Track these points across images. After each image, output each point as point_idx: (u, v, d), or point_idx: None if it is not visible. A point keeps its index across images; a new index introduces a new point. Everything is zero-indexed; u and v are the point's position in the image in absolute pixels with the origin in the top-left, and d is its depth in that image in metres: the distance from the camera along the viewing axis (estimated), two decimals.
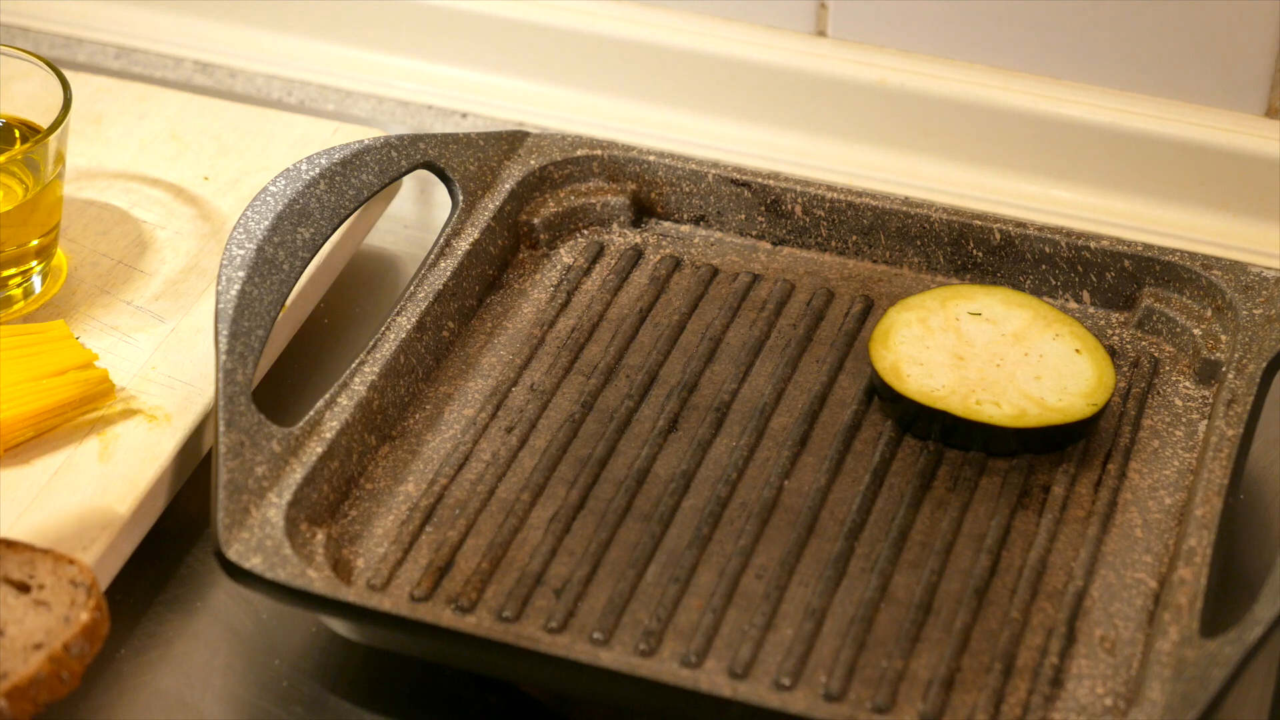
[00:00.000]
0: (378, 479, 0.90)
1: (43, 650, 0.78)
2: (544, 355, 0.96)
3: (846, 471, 0.90)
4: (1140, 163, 1.08)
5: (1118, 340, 0.96)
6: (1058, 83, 1.09)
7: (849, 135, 1.12)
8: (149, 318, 0.97)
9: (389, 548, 0.86)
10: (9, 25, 1.21)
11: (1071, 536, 0.87)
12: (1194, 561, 0.83)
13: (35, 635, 0.78)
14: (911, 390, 0.90)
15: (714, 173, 1.02)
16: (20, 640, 0.78)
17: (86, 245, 1.01)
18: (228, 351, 0.88)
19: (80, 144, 1.06)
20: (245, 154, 1.07)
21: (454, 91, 1.17)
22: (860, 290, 0.99)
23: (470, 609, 0.83)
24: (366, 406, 0.90)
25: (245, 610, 0.88)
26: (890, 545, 0.86)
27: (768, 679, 0.81)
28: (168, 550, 0.90)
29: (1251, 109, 1.07)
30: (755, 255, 1.01)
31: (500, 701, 0.84)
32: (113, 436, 0.91)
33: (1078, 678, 0.81)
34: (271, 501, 0.84)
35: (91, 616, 0.79)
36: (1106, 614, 0.83)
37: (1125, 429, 0.91)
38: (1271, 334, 0.92)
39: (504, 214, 1.00)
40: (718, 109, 1.14)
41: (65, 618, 0.79)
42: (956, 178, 1.11)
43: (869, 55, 1.11)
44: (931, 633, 0.83)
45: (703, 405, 0.93)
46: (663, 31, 1.13)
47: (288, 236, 0.93)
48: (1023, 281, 0.99)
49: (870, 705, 0.80)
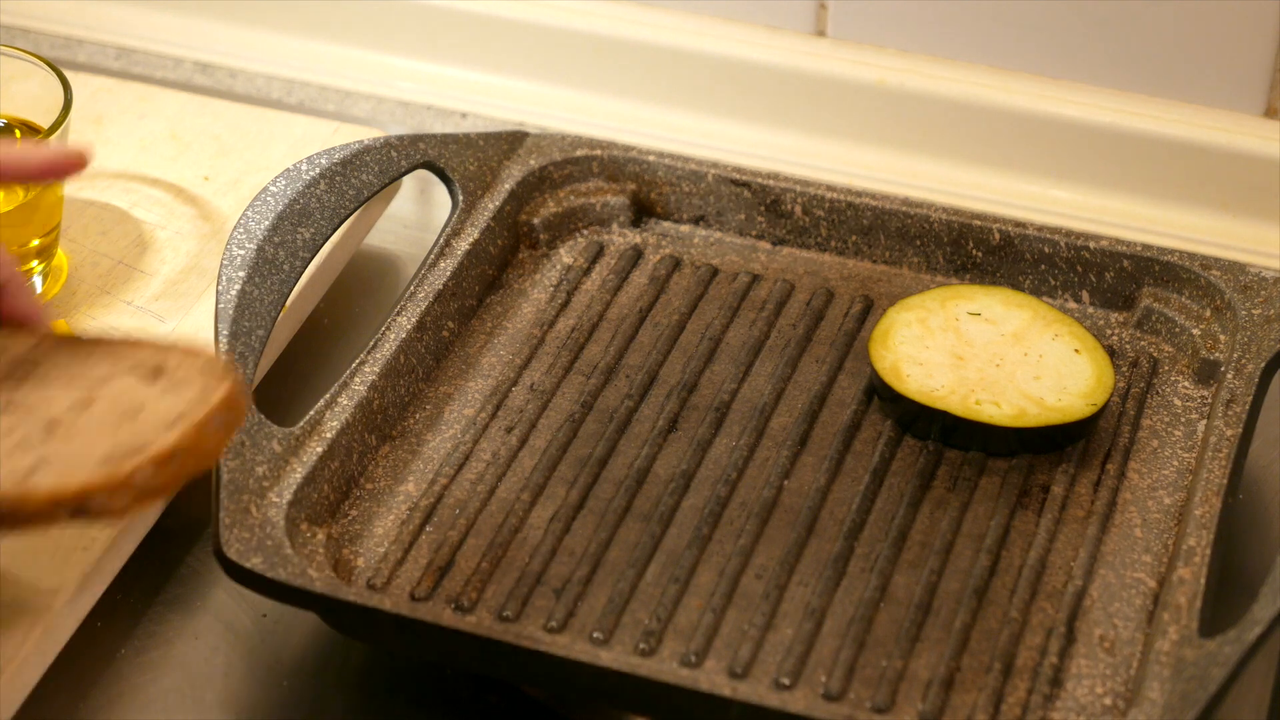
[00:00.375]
0: (378, 479, 0.90)
1: (183, 421, 0.77)
2: (544, 355, 0.96)
3: (846, 471, 0.90)
4: (1140, 163, 1.08)
5: (1117, 340, 0.97)
6: (1058, 83, 1.09)
7: (849, 135, 1.12)
8: (149, 318, 0.97)
9: (389, 548, 0.86)
10: (9, 25, 1.21)
11: (1071, 536, 0.87)
12: (1193, 561, 0.83)
13: (174, 411, 0.77)
14: (911, 390, 0.91)
15: (714, 173, 1.02)
16: (160, 415, 0.77)
17: (86, 245, 1.01)
18: (227, 351, 0.88)
19: None
20: (245, 154, 1.07)
21: (454, 91, 1.17)
22: (860, 290, 0.99)
23: (470, 609, 0.83)
24: (366, 406, 0.90)
25: (245, 610, 0.88)
26: (890, 545, 0.86)
27: (767, 679, 0.81)
28: (168, 550, 0.90)
29: (1251, 109, 1.07)
30: (755, 255, 1.01)
31: (500, 701, 0.84)
32: None
33: (1077, 677, 0.81)
34: (272, 501, 0.84)
35: (229, 390, 0.78)
36: (1106, 614, 0.84)
37: (1124, 429, 0.91)
38: (1270, 334, 0.92)
39: (504, 214, 1.00)
40: (718, 109, 1.14)
41: (203, 395, 0.78)
42: (956, 178, 1.11)
43: (869, 55, 1.11)
44: (931, 633, 0.83)
45: (703, 405, 0.93)
46: (663, 31, 1.13)
47: (288, 236, 0.93)
48: (1022, 281, 0.99)
49: (870, 705, 0.80)
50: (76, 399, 0.79)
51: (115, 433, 0.77)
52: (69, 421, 0.78)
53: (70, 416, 0.78)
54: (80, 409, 0.78)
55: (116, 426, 0.77)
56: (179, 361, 0.79)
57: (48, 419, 0.78)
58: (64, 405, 0.79)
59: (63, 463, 0.76)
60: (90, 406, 0.78)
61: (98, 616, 0.87)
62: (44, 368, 0.81)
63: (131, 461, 0.75)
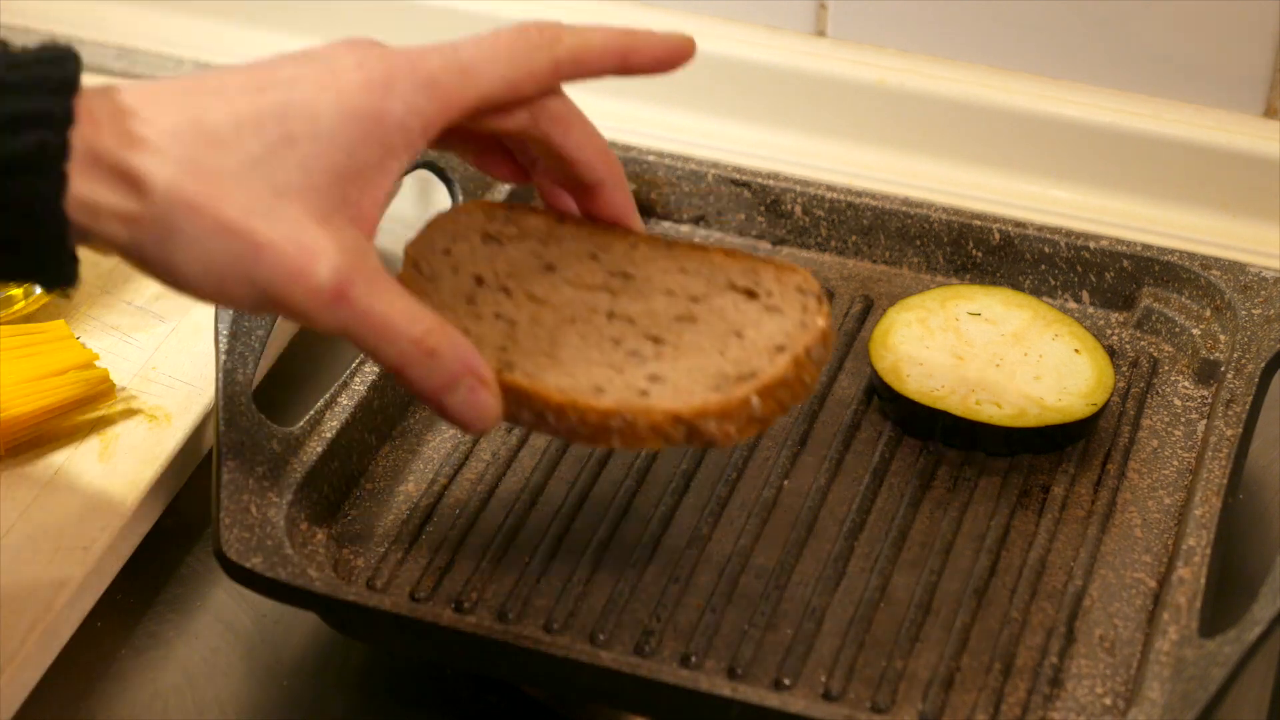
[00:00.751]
0: (378, 479, 0.90)
1: (786, 353, 0.77)
2: None
3: (846, 471, 0.90)
4: (1139, 163, 1.08)
5: (1117, 340, 0.97)
6: (1058, 83, 1.09)
7: (849, 135, 1.12)
8: (149, 318, 0.97)
9: (389, 548, 0.86)
10: (9, 25, 1.21)
11: (1071, 536, 0.87)
12: (1193, 561, 0.83)
13: (775, 338, 0.78)
14: (911, 390, 0.91)
15: (714, 173, 1.02)
16: (761, 342, 0.78)
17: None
18: (228, 351, 0.88)
19: None
20: None
21: None
22: (860, 290, 0.99)
23: (470, 609, 0.83)
24: (366, 406, 0.90)
25: (245, 610, 0.88)
26: (890, 545, 0.86)
27: (767, 678, 0.81)
28: (168, 550, 0.90)
29: (1250, 109, 1.07)
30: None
31: (500, 701, 0.84)
32: (113, 436, 0.91)
33: (1077, 677, 0.81)
34: (271, 501, 0.84)
35: (827, 322, 0.78)
36: (1106, 614, 0.84)
37: (1124, 429, 0.91)
38: (1270, 334, 0.92)
39: None
40: (718, 109, 1.14)
41: (801, 323, 0.78)
42: (956, 178, 1.11)
43: (869, 55, 1.11)
44: (931, 632, 0.83)
45: None
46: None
47: None
48: (1022, 281, 0.99)
49: (870, 705, 0.80)
50: (678, 313, 0.79)
51: (721, 354, 0.77)
52: (674, 337, 0.78)
53: (674, 332, 0.78)
54: (683, 324, 0.78)
55: (721, 347, 0.77)
56: (773, 281, 0.80)
57: (653, 332, 0.78)
58: (667, 319, 0.78)
59: (675, 380, 0.76)
60: (693, 322, 0.78)
61: (98, 616, 0.87)
62: (640, 278, 0.80)
63: (744, 387, 0.76)
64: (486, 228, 0.83)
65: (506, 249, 0.82)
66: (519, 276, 0.81)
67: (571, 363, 0.77)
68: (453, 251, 0.82)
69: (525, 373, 0.76)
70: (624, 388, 0.76)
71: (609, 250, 0.82)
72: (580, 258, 0.81)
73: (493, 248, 0.82)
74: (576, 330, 0.79)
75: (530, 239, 0.82)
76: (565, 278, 0.81)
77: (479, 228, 0.83)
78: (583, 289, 0.80)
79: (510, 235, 0.82)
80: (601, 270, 0.81)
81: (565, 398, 0.75)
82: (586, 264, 0.81)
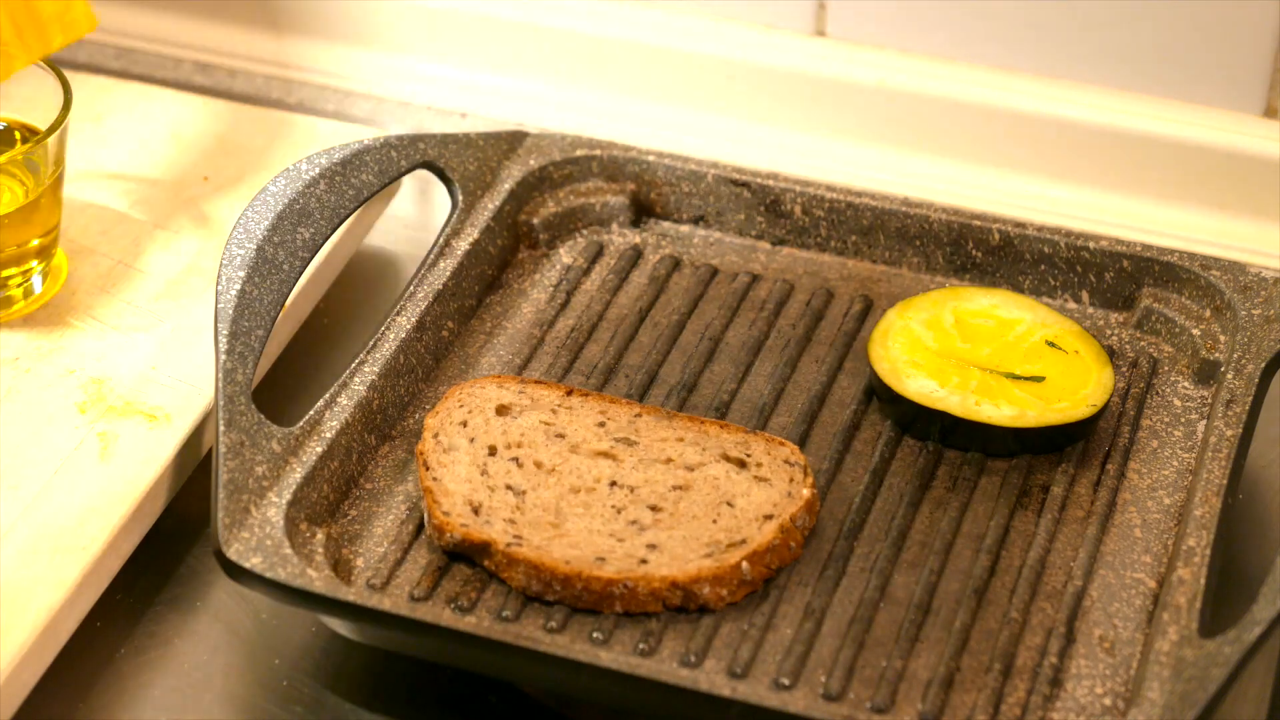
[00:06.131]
0: (378, 479, 0.90)
1: (773, 521, 0.84)
2: (543, 355, 0.96)
3: (846, 472, 0.90)
4: (1139, 163, 1.08)
5: (1117, 340, 0.97)
6: (1058, 83, 1.09)
7: (848, 135, 1.12)
8: (149, 318, 0.97)
9: (389, 548, 0.86)
10: None
11: (1070, 537, 0.87)
12: (1193, 561, 0.83)
13: (764, 507, 0.85)
14: (911, 391, 0.91)
15: (713, 173, 1.02)
16: (751, 511, 0.85)
17: (86, 245, 1.01)
18: (228, 351, 0.88)
19: (80, 144, 1.06)
20: (245, 154, 1.07)
21: (454, 91, 1.17)
22: (860, 290, 0.99)
23: (470, 609, 0.83)
24: (366, 406, 0.90)
25: (245, 610, 0.88)
26: (890, 545, 0.86)
27: (767, 679, 0.81)
28: (168, 550, 0.90)
29: (1250, 109, 1.07)
30: (755, 255, 1.01)
31: (500, 701, 0.84)
32: (113, 436, 0.91)
33: (1077, 678, 0.81)
34: (271, 501, 0.84)
35: (811, 493, 0.85)
36: (1106, 614, 0.84)
37: (1124, 429, 0.91)
38: (1270, 334, 0.92)
39: (503, 214, 1.00)
40: (718, 109, 1.14)
41: (787, 493, 0.85)
42: (956, 178, 1.11)
43: (868, 55, 1.11)
44: (931, 633, 0.83)
45: (702, 405, 0.93)
46: (663, 31, 1.13)
47: (288, 236, 0.93)
48: (1022, 282, 0.99)
49: (869, 705, 0.80)
50: (675, 482, 0.86)
51: (714, 522, 0.84)
52: (670, 505, 0.85)
53: (671, 500, 0.85)
54: (679, 493, 0.85)
55: (714, 515, 0.84)
56: (763, 454, 0.87)
57: (651, 501, 0.85)
58: (665, 488, 0.85)
59: (671, 548, 0.83)
60: (688, 491, 0.85)
61: (98, 616, 0.87)
62: (642, 444, 0.87)
63: (735, 554, 0.82)
64: (500, 399, 0.90)
65: (519, 420, 0.89)
66: (529, 446, 0.88)
67: (576, 533, 0.84)
68: (469, 424, 0.88)
69: (533, 546, 0.83)
70: (624, 556, 0.83)
71: (614, 419, 0.89)
72: (588, 425, 0.88)
73: (506, 420, 0.89)
74: (581, 500, 0.85)
75: (541, 409, 0.89)
76: (572, 444, 0.88)
77: (494, 399, 0.90)
78: (588, 456, 0.87)
79: (523, 406, 0.89)
80: (608, 437, 0.88)
81: (571, 569, 0.82)
82: (594, 430, 0.88)
